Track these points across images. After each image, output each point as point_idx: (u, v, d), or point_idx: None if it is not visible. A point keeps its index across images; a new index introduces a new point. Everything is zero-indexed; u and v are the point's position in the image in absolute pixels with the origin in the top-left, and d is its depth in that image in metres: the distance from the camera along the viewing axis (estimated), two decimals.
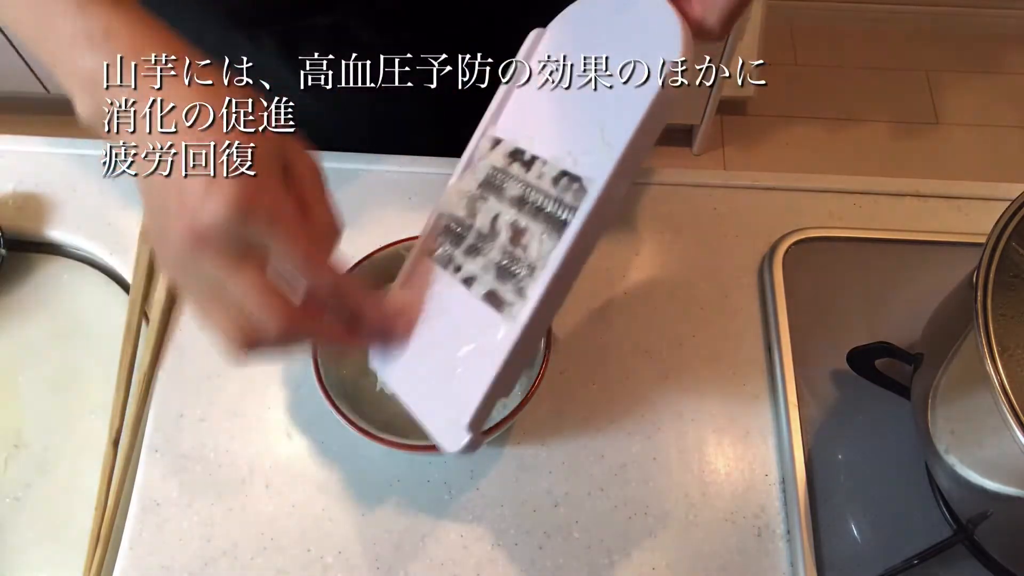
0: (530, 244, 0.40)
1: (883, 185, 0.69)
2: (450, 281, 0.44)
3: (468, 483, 0.56)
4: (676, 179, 0.69)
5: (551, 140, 0.42)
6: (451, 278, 0.44)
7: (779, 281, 0.62)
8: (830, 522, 0.54)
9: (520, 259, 0.41)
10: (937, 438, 0.48)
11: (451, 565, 0.53)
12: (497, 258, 0.42)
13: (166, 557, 0.53)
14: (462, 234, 0.45)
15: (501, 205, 0.43)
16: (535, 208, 0.41)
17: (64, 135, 0.70)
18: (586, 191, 0.39)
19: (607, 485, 0.56)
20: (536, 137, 0.43)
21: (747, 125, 1.96)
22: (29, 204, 0.68)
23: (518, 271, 0.41)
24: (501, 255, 0.42)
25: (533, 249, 0.40)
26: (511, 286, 0.41)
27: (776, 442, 0.57)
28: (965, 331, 0.44)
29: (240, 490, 0.56)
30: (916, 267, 0.64)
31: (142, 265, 0.64)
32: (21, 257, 0.67)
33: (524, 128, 0.44)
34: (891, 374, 0.57)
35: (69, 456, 0.58)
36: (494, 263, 0.42)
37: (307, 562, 0.53)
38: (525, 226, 0.41)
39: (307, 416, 0.58)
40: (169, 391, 0.59)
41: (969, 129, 1.96)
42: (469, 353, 0.41)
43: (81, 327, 0.64)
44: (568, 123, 0.41)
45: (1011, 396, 0.39)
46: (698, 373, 0.60)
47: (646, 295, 0.63)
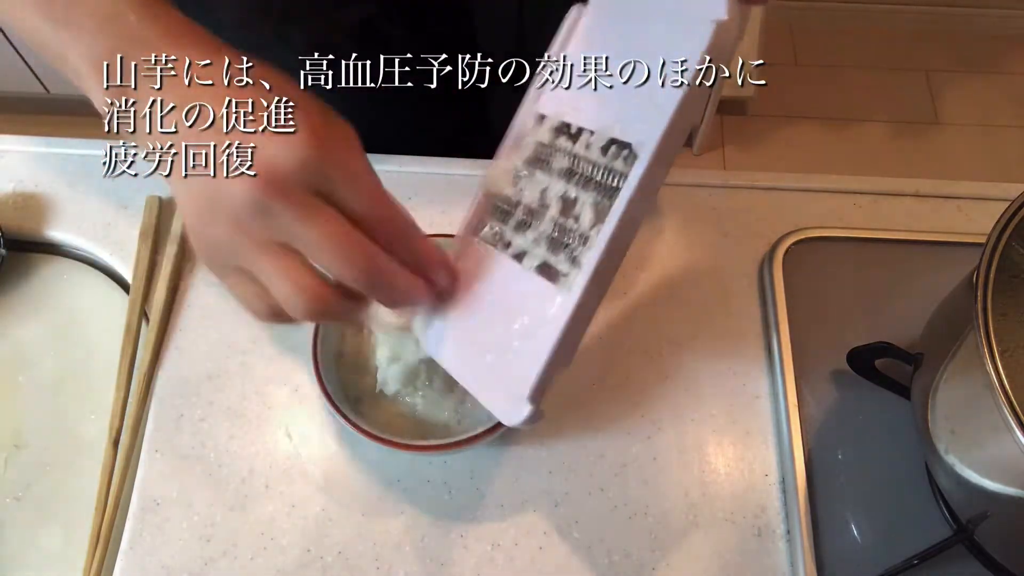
0: (582, 214, 0.40)
1: (883, 185, 0.69)
2: (500, 257, 0.43)
3: (468, 483, 0.56)
4: (676, 179, 0.69)
5: (598, 111, 0.41)
6: (501, 254, 0.43)
7: (779, 281, 0.62)
8: (830, 522, 0.54)
9: (572, 230, 0.40)
10: (937, 438, 0.48)
11: (451, 565, 0.53)
12: (548, 230, 0.41)
13: (166, 557, 0.53)
14: (509, 211, 0.44)
15: (549, 179, 0.42)
16: (585, 178, 0.40)
17: (64, 135, 0.70)
18: (637, 156, 0.38)
19: (607, 485, 0.56)
20: (582, 110, 0.42)
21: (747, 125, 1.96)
22: (29, 204, 0.68)
23: (570, 241, 0.40)
24: (552, 227, 0.41)
25: (585, 218, 0.39)
26: (564, 256, 0.40)
27: (776, 442, 0.57)
28: (965, 331, 0.44)
29: (240, 490, 0.56)
30: (916, 267, 0.64)
31: (142, 265, 0.64)
32: (21, 257, 0.67)
33: (569, 103, 0.43)
34: (891, 374, 0.57)
35: (69, 456, 0.58)
36: (545, 235, 0.41)
37: (307, 562, 0.53)
38: (575, 196, 0.40)
39: (307, 416, 0.58)
40: (169, 391, 0.59)
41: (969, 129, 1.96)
42: (525, 326, 0.40)
43: (81, 327, 0.64)
44: (614, 95, 0.40)
45: (1011, 396, 0.39)
46: (698, 373, 0.60)
47: (646, 295, 0.63)
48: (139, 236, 0.65)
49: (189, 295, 0.64)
